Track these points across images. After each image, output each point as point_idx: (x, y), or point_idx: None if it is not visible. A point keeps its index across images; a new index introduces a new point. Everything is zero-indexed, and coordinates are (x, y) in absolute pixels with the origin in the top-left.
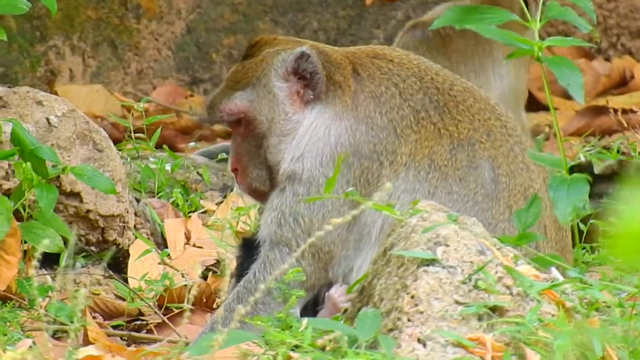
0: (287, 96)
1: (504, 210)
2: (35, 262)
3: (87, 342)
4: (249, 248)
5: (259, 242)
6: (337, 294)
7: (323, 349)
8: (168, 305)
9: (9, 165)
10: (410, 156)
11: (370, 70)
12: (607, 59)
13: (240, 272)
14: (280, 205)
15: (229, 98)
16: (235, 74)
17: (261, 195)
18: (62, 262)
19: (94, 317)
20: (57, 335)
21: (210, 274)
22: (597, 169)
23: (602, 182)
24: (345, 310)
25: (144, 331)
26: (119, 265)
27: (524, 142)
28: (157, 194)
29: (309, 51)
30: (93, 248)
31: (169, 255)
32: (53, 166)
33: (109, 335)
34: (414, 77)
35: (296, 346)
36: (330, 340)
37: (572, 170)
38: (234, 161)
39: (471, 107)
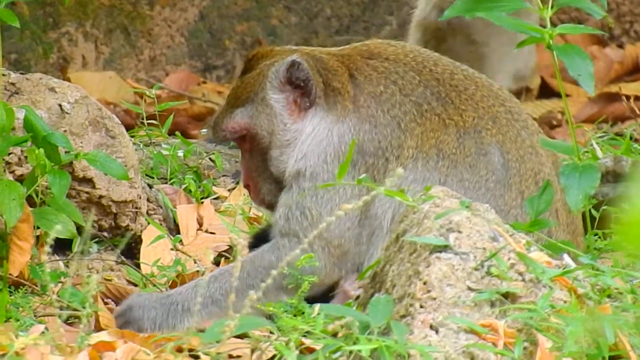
0: (284, 107)
1: (516, 196)
2: (47, 248)
3: (98, 328)
4: (261, 242)
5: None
6: (348, 282)
7: (335, 335)
8: None
9: (22, 151)
10: (417, 148)
11: (367, 73)
12: (620, 46)
13: None
14: (287, 201)
15: (230, 116)
16: (235, 90)
17: (274, 208)
18: (75, 248)
19: (106, 303)
20: (70, 320)
21: (222, 260)
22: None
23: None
24: (357, 297)
25: None
26: (131, 251)
27: (530, 126)
28: (170, 180)
29: (299, 59)
30: (105, 234)
31: (181, 241)
32: (66, 152)
33: None
34: (412, 72)
35: (308, 332)
36: (342, 327)
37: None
38: (246, 177)
39: (474, 95)
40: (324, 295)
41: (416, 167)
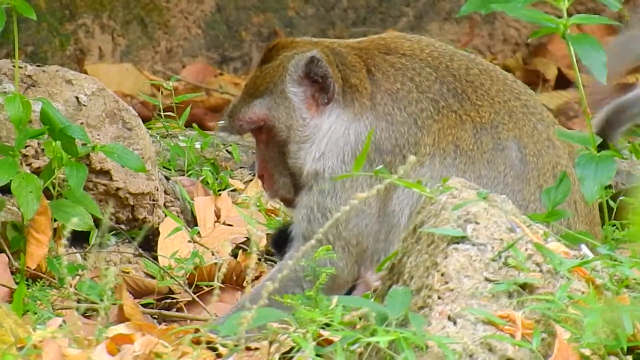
0: (302, 101)
1: (535, 190)
2: (64, 241)
3: (122, 318)
4: (280, 243)
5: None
6: (369, 273)
7: (353, 326)
8: (198, 283)
9: (39, 144)
10: (434, 145)
11: (384, 69)
12: None
13: None
14: (309, 202)
15: (248, 106)
16: (254, 79)
17: (288, 202)
18: (92, 241)
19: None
20: (88, 313)
21: (240, 251)
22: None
23: None
24: (377, 289)
25: (174, 309)
26: (149, 244)
27: (546, 119)
28: (187, 172)
29: (318, 55)
30: (123, 226)
31: (199, 233)
32: (83, 145)
33: None
34: (429, 68)
35: (326, 324)
36: (360, 318)
37: None
38: (260, 168)
39: (489, 90)
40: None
41: (433, 164)
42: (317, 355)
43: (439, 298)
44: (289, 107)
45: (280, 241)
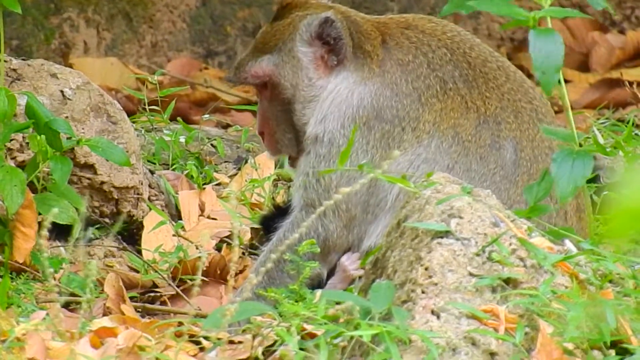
0: (311, 61)
1: (522, 192)
2: (44, 232)
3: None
4: (270, 224)
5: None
6: (348, 261)
7: (336, 320)
8: (182, 277)
9: (24, 137)
10: (435, 124)
11: (399, 40)
12: (622, 32)
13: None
14: (305, 168)
15: (256, 60)
16: (264, 35)
17: (290, 160)
18: (74, 234)
19: (102, 291)
20: (72, 307)
21: (224, 245)
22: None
23: None
24: (359, 278)
25: (158, 303)
26: (133, 237)
27: None
28: (172, 166)
29: (333, 17)
30: (107, 220)
31: (183, 227)
32: (67, 138)
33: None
34: (445, 49)
35: (309, 318)
36: (343, 312)
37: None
38: (261, 125)
39: (502, 86)
40: (327, 277)
41: (430, 146)
42: (301, 348)
43: (423, 292)
44: (296, 66)
45: (268, 222)
